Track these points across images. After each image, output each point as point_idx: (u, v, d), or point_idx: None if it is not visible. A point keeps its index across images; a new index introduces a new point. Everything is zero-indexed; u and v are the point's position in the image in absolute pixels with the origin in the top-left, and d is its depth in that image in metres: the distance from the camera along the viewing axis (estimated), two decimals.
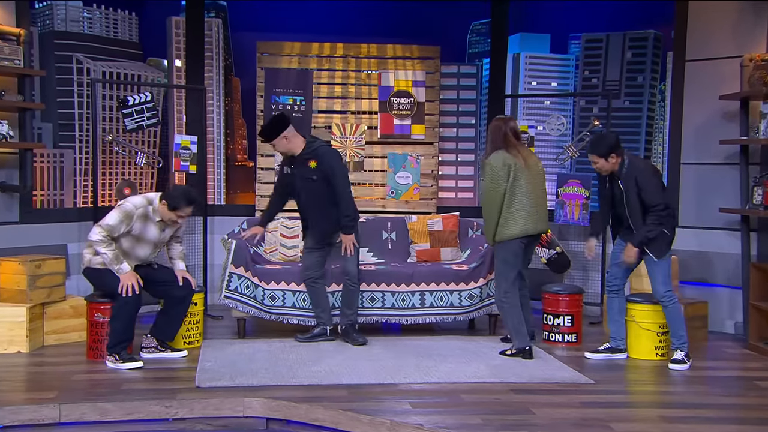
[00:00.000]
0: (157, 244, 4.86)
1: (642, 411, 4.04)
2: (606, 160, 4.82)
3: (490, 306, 5.66)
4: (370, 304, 5.53)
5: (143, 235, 4.75)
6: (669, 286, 4.87)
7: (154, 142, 7.83)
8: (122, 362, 4.59)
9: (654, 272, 4.87)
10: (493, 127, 5.03)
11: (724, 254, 5.95)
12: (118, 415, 3.91)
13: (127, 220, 4.65)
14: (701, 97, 6.08)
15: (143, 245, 4.78)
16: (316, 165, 5.11)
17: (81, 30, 7.88)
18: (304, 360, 4.81)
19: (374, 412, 3.80)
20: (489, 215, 4.94)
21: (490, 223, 4.95)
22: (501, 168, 4.86)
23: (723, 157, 5.95)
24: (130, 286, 4.56)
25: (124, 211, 4.66)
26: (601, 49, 9.07)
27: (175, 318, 4.89)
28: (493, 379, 4.47)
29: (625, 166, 4.83)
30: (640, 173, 4.78)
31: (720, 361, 5.18)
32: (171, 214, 4.71)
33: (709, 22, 6.05)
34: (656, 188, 4.77)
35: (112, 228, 4.62)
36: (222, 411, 4.01)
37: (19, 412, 3.83)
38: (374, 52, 6.92)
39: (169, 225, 4.82)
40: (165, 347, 4.91)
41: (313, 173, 5.12)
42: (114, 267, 4.60)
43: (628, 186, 4.80)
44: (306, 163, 5.14)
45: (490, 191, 4.89)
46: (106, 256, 4.59)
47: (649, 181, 4.76)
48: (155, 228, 4.78)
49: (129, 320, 4.64)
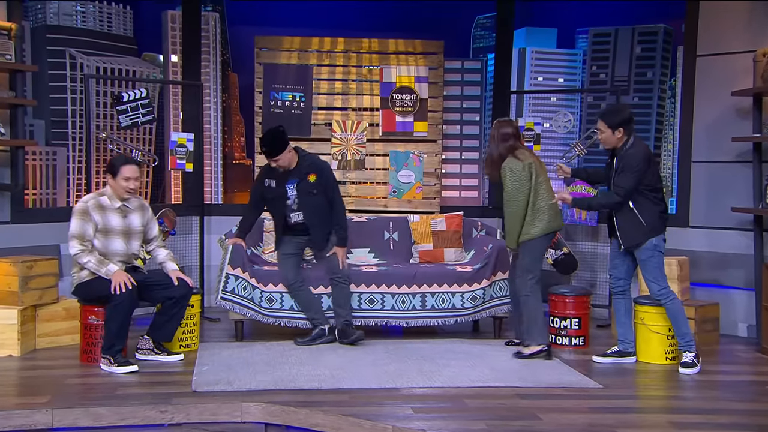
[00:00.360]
0: (127, 233, 4.87)
1: (651, 417, 4.03)
2: (612, 133, 4.80)
3: (494, 308, 5.66)
4: (368, 306, 5.53)
5: (107, 226, 4.79)
6: (662, 283, 4.82)
7: (150, 139, 7.85)
8: (117, 366, 4.59)
9: (643, 270, 4.85)
10: (503, 129, 5.09)
11: (736, 255, 5.93)
12: (112, 420, 3.90)
13: (85, 217, 4.72)
14: (713, 93, 6.07)
15: (112, 238, 4.81)
16: (316, 178, 5.35)
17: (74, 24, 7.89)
18: (304, 363, 4.81)
19: (376, 418, 3.80)
20: (514, 218, 5.01)
21: (515, 225, 5.01)
22: (523, 169, 4.96)
23: (735, 154, 5.94)
24: (122, 283, 4.58)
25: (77, 211, 4.76)
26: (609, 43, 9.07)
27: (173, 318, 4.88)
28: (498, 384, 4.46)
29: (626, 146, 4.80)
30: (630, 156, 4.75)
31: (732, 365, 5.17)
32: (118, 184, 4.78)
33: (721, 15, 6.04)
34: (632, 175, 4.70)
35: (80, 233, 4.69)
36: (219, 416, 4.01)
37: (10, 418, 3.83)
38: (376, 47, 6.92)
39: (129, 209, 4.88)
40: (161, 350, 4.92)
41: (314, 187, 5.35)
42: (102, 271, 4.63)
43: (619, 166, 4.79)
44: (306, 177, 5.35)
45: (515, 193, 4.97)
46: (91, 264, 4.65)
47: (630, 164, 4.72)
48: (116, 216, 4.83)
49: (123, 321, 4.63)
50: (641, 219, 4.76)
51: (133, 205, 4.93)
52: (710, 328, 5.67)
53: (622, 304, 5.08)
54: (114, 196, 4.84)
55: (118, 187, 4.80)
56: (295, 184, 5.38)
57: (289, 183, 5.38)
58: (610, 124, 4.80)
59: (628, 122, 4.79)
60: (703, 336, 5.56)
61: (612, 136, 4.81)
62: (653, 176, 4.80)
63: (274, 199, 5.44)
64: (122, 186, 4.79)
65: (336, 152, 6.80)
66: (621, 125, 4.78)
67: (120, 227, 4.83)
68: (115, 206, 4.83)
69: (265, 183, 5.47)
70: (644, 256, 4.81)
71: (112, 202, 4.83)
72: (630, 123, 4.81)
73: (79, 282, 4.79)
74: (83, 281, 4.77)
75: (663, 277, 4.85)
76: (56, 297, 5.32)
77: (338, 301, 5.38)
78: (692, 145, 6.23)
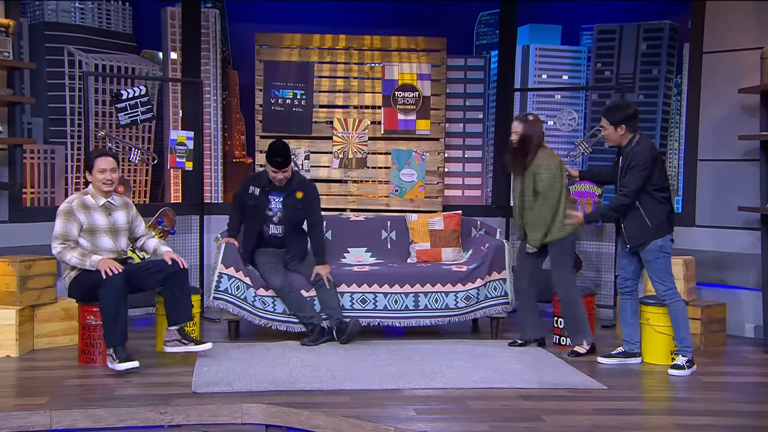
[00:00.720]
0: (113, 231, 4.90)
1: (656, 418, 4.03)
2: (615, 129, 4.79)
3: (489, 308, 5.65)
4: (361, 306, 5.53)
5: (93, 225, 4.82)
6: (668, 284, 4.80)
7: (149, 137, 7.85)
8: (118, 362, 4.57)
9: (648, 271, 4.85)
10: (537, 126, 5.11)
11: (742, 255, 5.93)
12: (111, 421, 3.91)
13: (70, 217, 4.76)
14: (719, 90, 6.06)
15: (99, 236, 4.84)
16: (303, 196, 5.57)
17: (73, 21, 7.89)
18: (305, 364, 4.81)
19: (377, 419, 3.80)
20: (545, 217, 5.05)
21: (544, 223, 5.06)
22: (557, 167, 5.04)
23: (742, 153, 5.93)
24: (109, 268, 4.59)
25: (61, 212, 4.81)
26: (614, 40, 9.04)
27: (180, 297, 4.84)
28: (502, 385, 4.46)
29: (632, 144, 4.78)
30: (635, 154, 4.72)
31: (738, 366, 5.16)
32: (95, 177, 4.83)
33: (728, 12, 6.03)
34: (638, 177, 4.69)
35: (63, 233, 4.74)
36: (219, 417, 4.01)
37: (8, 419, 3.83)
38: (378, 44, 6.92)
39: (114, 206, 4.92)
40: (189, 340, 4.88)
41: (300, 203, 5.56)
42: (86, 263, 4.66)
43: (625, 164, 4.78)
44: (294, 193, 5.56)
45: (550, 191, 5.03)
46: (74, 259, 4.69)
47: (636, 163, 4.69)
48: (100, 214, 4.87)
49: (117, 307, 4.55)
50: (647, 219, 4.75)
51: (118, 202, 4.99)
52: (717, 328, 5.66)
53: (628, 305, 5.06)
54: (97, 194, 4.89)
55: (96, 181, 4.86)
56: (281, 198, 5.53)
57: (275, 195, 5.56)
58: (612, 121, 4.79)
59: (632, 118, 4.78)
60: (710, 337, 5.55)
61: (615, 133, 4.80)
62: (660, 175, 4.78)
63: (254, 206, 5.56)
64: (99, 179, 4.84)
65: (337, 150, 6.80)
66: (623, 122, 4.76)
67: (105, 225, 4.87)
68: (99, 204, 4.88)
69: (249, 190, 5.61)
70: (650, 257, 4.80)
71: (96, 201, 4.88)
72: (633, 119, 4.79)
73: (70, 281, 4.81)
74: (73, 279, 4.80)
75: (669, 278, 4.83)
76: (54, 297, 5.32)
77: (327, 302, 5.42)
78: (698, 144, 6.22)
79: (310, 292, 5.48)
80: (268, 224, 5.57)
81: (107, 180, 4.86)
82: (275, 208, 5.55)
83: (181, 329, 4.86)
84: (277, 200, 5.55)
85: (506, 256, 5.68)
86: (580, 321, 5.16)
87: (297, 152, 6.75)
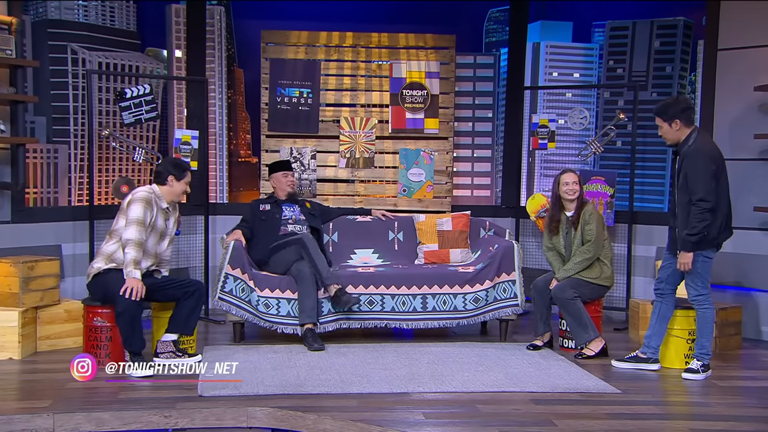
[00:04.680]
0: (162, 234, 5.01)
1: (671, 423, 4.01)
2: (669, 125, 4.66)
3: (498, 311, 5.64)
4: (368, 307, 5.52)
5: (154, 223, 4.89)
6: (701, 289, 4.72)
7: (153, 136, 7.84)
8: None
9: (688, 273, 4.73)
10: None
11: (759, 256, 5.90)
12: (115, 425, 3.91)
13: (148, 206, 4.82)
14: (734, 88, 6.04)
15: (150, 235, 4.88)
16: (311, 206, 6.09)
17: (76, 18, 7.90)
18: (312, 367, 4.81)
19: (386, 423, 3.79)
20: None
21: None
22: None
23: (758, 152, 5.91)
24: (132, 289, 4.58)
25: (141, 199, 4.82)
26: (626, 37, 9.00)
27: (193, 308, 4.92)
28: (513, 389, 4.45)
29: (689, 143, 4.64)
30: (691, 154, 4.56)
31: (755, 370, 5.13)
32: (180, 187, 4.96)
33: (743, 8, 6.01)
34: (703, 176, 4.50)
35: (142, 219, 4.77)
36: (225, 421, 4.01)
37: (11, 423, 3.84)
38: (385, 41, 6.91)
39: (171, 212, 5.04)
40: (182, 352, 4.91)
41: (313, 210, 6.06)
42: (129, 268, 4.64)
43: (682, 165, 4.62)
44: (303, 204, 6.04)
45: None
46: (131, 255, 4.67)
47: (695, 164, 4.53)
48: (161, 216, 4.96)
49: (133, 325, 4.63)
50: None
51: (171, 208, 5.08)
52: (732, 331, 5.63)
53: (657, 308, 4.94)
54: (163, 197, 4.95)
55: (178, 190, 4.96)
56: (295, 207, 5.96)
57: (288, 205, 5.94)
58: (666, 117, 4.66)
59: (684, 112, 4.64)
60: (725, 340, 5.52)
61: (670, 130, 4.67)
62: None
63: (266, 220, 5.79)
64: (182, 190, 4.97)
65: (344, 150, 6.80)
66: (676, 116, 4.63)
67: (160, 228, 4.96)
68: (162, 206, 4.96)
69: (259, 207, 5.89)
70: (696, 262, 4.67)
71: (161, 202, 4.95)
72: (686, 112, 4.66)
73: (97, 273, 4.81)
74: (101, 271, 4.80)
75: (703, 284, 4.72)
76: (58, 298, 5.33)
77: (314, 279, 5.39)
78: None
79: (323, 293, 5.43)
80: (285, 225, 5.81)
81: (187, 194, 5.07)
82: (290, 213, 5.88)
83: (176, 342, 4.90)
84: (290, 209, 5.93)
85: (515, 257, 5.65)
86: (582, 321, 5.13)
87: (303, 152, 6.75)
